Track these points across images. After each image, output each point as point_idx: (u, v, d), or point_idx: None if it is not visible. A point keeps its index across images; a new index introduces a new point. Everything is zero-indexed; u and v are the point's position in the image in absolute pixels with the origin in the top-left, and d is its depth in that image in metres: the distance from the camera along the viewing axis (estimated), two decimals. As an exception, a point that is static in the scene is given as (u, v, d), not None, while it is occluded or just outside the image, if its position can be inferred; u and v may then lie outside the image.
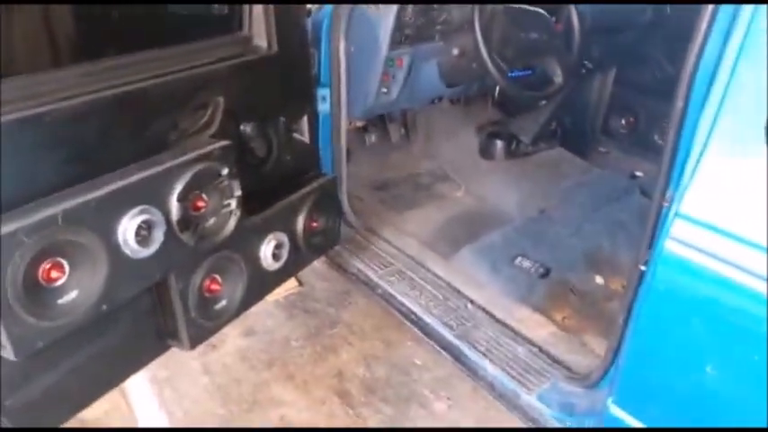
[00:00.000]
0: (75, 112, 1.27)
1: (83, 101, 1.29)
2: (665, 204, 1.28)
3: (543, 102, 2.72)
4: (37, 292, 1.16)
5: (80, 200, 1.21)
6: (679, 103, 1.19)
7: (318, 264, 2.52)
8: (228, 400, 2.23)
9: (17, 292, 1.12)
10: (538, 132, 2.84)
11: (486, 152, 2.92)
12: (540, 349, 1.84)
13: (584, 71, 2.64)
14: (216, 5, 1.74)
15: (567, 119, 3.22)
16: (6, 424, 1.28)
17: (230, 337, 2.49)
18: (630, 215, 2.54)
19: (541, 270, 2.24)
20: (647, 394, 1.37)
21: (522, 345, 1.85)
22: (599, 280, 2.29)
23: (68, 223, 1.18)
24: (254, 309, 2.59)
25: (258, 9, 1.71)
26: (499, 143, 2.88)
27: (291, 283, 2.76)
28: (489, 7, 2.10)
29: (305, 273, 2.83)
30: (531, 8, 2.24)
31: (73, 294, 1.22)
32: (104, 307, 1.29)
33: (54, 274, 1.19)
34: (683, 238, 1.14)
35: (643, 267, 1.33)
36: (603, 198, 2.67)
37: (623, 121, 3.28)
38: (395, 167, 2.92)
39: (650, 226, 1.34)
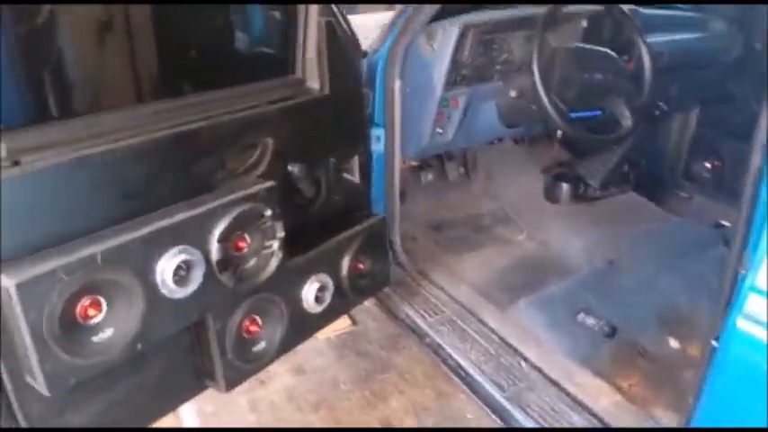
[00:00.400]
0: (129, 152, 1.31)
1: (136, 141, 1.32)
2: (742, 272, 1.12)
3: (607, 145, 2.58)
4: (73, 330, 1.18)
5: (120, 240, 1.23)
6: (756, 159, 1.06)
7: (371, 304, 2.47)
8: (273, 442, 2.20)
9: (53, 328, 1.14)
10: (608, 175, 2.69)
11: (551, 195, 2.79)
12: (601, 422, 1.67)
13: (657, 113, 2.49)
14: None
15: (642, 162, 3.04)
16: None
17: (279, 375, 2.46)
18: (713, 270, 2.28)
19: (606, 329, 2.06)
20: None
21: (581, 414, 1.69)
22: (674, 344, 2.07)
23: (107, 262, 1.20)
24: (305, 346, 2.57)
25: (311, 52, 1.72)
26: (565, 186, 2.74)
27: (344, 322, 2.72)
28: (551, 47, 2.02)
29: (359, 312, 2.79)
30: (597, 48, 2.15)
31: (108, 332, 1.24)
32: (139, 346, 1.29)
33: (91, 311, 1.21)
34: (757, 316, 1.00)
35: (715, 343, 1.19)
36: (681, 249, 2.44)
37: (707, 165, 3.07)
38: (452, 207, 2.84)
39: (724, 295, 1.19)
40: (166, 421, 2.13)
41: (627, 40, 2.25)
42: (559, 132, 2.17)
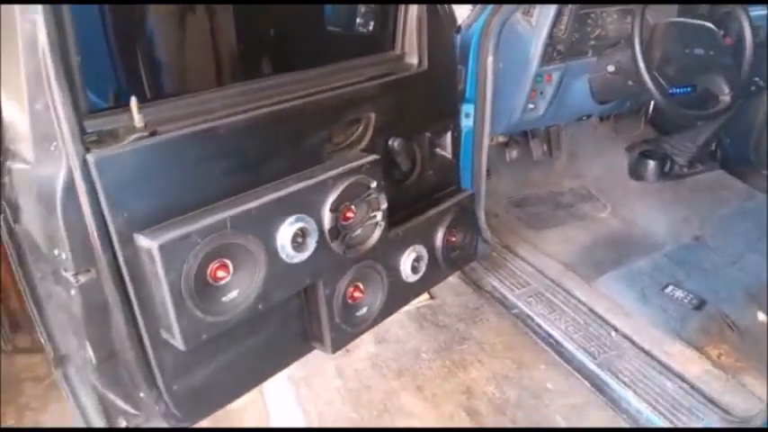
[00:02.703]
0: (242, 126, 1.37)
1: (248, 116, 1.39)
2: None
3: (702, 121, 2.52)
4: (205, 290, 1.27)
5: (245, 207, 1.31)
6: None
7: (450, 278, 2.52)
8: (359, 405, 2.28)
9: (189, 288, 1.23)
10: (695, 153, 2.64)
11: (636, 172, 2.75)
12: (692, 386, 1.70)
13: (753, 88, 2.42)
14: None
15: (727, 139, 2.96)
16: (173, 407, 1.41)
17: (363, 343, 2.55)
18: None
19: (695, 301, 2.07)
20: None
21: (672, 380, 1.72)
22: (762, 317, 2.07)
23: (235, 228, 1.28)
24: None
25: (411, 27, 1.76)
26: (651, 163, 2.70)
27: (423, 296, 2.77)
28: (651, 21, 1.99)
29: (436, 287, 2.85)
30: (697, 22, 2.10)
31: (234, 293, 1.33)
32: (260, 306, 1.38)
33: (220, 273, 1.29)
34: None
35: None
36: (768, 226, 2.42)
37: (793, 143, 2.96)
38: (535, 184, 2.84)
39: None
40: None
41: (725, 14, 2.19)
42: (651, 109, 2.14)
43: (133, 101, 1.21)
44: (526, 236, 2.48)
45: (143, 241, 1.20)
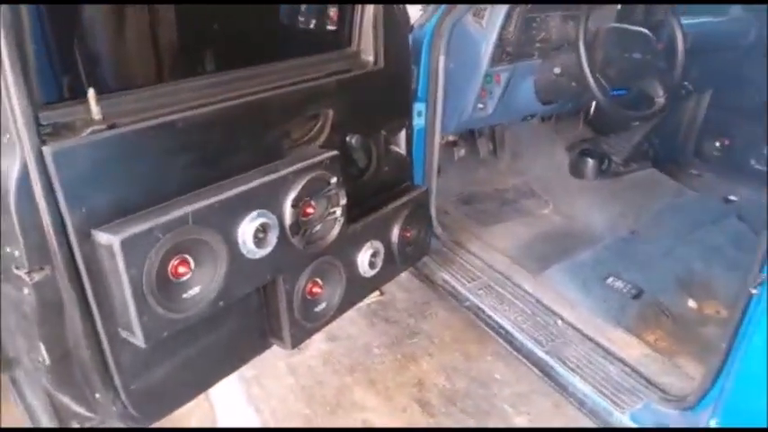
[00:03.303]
0: (202, 120, 1.36)
1: (209, 110, 1.38)
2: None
3: (639, 122, 2.68)
4: (166, 286, 1.25)
5: (207, 202, 1.29)
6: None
7: (400, 274, 2.57)
8: (313, 402, 2.29)
9: (150, 284, 1.21)
10: (631, 152, 2.80)
11: (576, 170, 2.89)
12: (633, 369, 1.81)
13: (683, 92, 2.59)
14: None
15: (658, 140, 3.15)
16: (130, 407, 1.38)
17: (313, 341, 2.55)
18: (726, 240, 2.48)
19: (634, 291, 2.20)
20: (757, 415, 1.35)
21: (614, 364, 1.83)
22: (692, 304, 2.24)
23: (197, 223, 1.27)
24: (337, 315, 2.69)
25: (368, 25, 1.78)
26: (591, 162, 2.85)
27: (373, 292, 2.81)
28: (592, 27, 2.09)
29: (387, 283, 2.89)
30: (635, 28, 2.22)
31: (196, 289, 1.31)
32: (221, 303, 1.37)
33: (181, 269, 1.27)
34: None
35: (755, 291, 1.30)
36: (698, 221, 2.60)
37: (717, 144, 3.20)
38: (481, 182, 2.93)
39: (762, 249, 1.31)
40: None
41: (659, 22, 2.33)
42: (592, 110, 2.25)
43: (91, 92, 1.18)
44: (475, 231, 2.56)
45: (103, 237, 1.17)
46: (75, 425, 1.45)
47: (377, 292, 2.82)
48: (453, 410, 2.26)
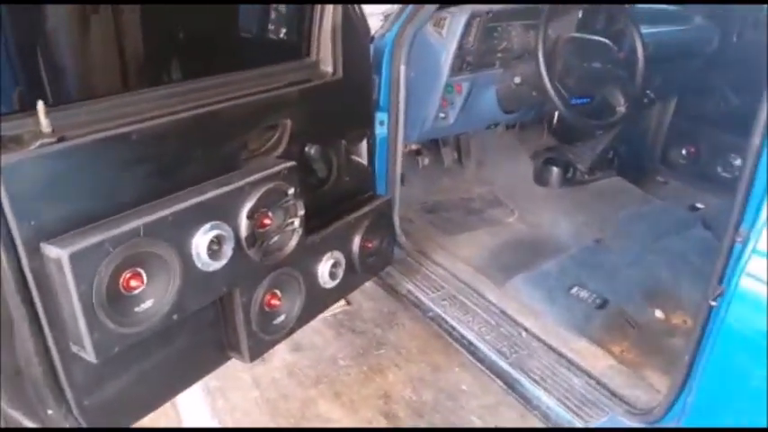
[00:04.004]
0: (155, 132, 1.34)
1: (161, 122, 1.36)
2: (738, 240, 1.25)
3: (600, 130, 2.71)
4: (117, 300, 1.23)
5: (159, 214, 1.28)
6: (755, 140, 1.18)
7: (367, 284, 2.56)
8: (277, 415, 2.27)
9: (101, 299, 1.19)
10: (595, 160, 2.83)
11: (540, 178, 2.91)
12: (598, 382, 1.81)
13: (646, 101, 2.63)
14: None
15: (623, 148, 3.19)
16: (84, 423, 1.35)
17: (278, 352, 2.53)
18: (692, 248, 2.49)
19: (598, 301, 2.21)
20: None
21: (579, 376, 1.83)
22: (659, 314, 2.23)
23: (149, 236, 1.25)
24: (301, 324, 2.66)
25: (326, 35, 1.78)
26: (555, 170, 2.87)
27: (340, 302, 2.80)
28: (552, 36, 2.12)
29: (353, 292, 2.88)
30: (594, 37, 2.26)
31: (149, 303, 1.29)
32: (175, 316, 1.35)
33: (133, 283, 1.26)
34: (759, 276, 1.13)
35: (714, 303, 1.32)
36: (663, 229, 2.62)
37: (683, 152, 3.25)
38: (446, 191, 2.93)
39: (721, 261, 1.31)
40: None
41: (619, 31, 2.37)
42: (555, 118, 2.28)
43: (40, 105, 1.17)
44: (439, 241, 2.56)
45: (51, 251, 1.15)
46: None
47: (343, 302, 2.81)
48: (420, 423, 2.25)
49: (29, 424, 1.35)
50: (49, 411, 1.31)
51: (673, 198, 3.00)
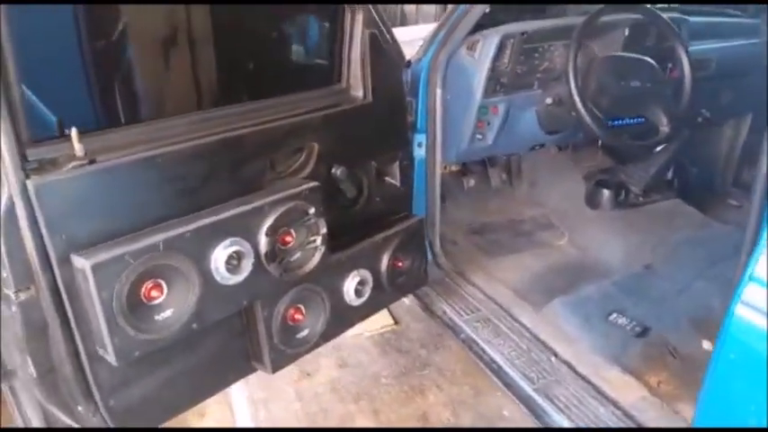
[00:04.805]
0: (179, 155, 1.46)
1: (193, 144, 1.48)
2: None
3: (657, 150, 2.59)
4: (138, 309, 1.34)
5: (179, 231, 1.38)
6: (765, 159, 1.11)
7: (414, 305, 2.58)
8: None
9: (121, 306, 1.30)
10: (649, 182, 2.70)
11: (592, 201, 2.82)
12: (625, 413, 1.73)
13: (700, 120, 2.49)
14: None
15: (693, 169, 3.03)
16: (110, 422, 1.47)
17: (324, 368, 2.61)
18: None
19: (638, 329, 2.10)
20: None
21: (606, 406, 1.75)
22: (706, 345, 2.08)
23: (168, 250, 1.36)
24: (350, 342, 2.73)
25: (356, 62, 1.85)
26: (606, 192, 2.77)
27: (387, 321, 2.84)
28: (589, 56, 2.08)
29: (401, 312, 2.91)
30: (633, 56, 2.19)
31: (168, 312, 1.39)
32: (195, 326, 1.44)
33: (154, 293, 1.36)
34: (754, 304, 1.07)
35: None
36: (720, 255, 2.43)
37: (759, 173, 3.02)
38: (495, 212, 2.90)
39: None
40: (220, 411, 2.33)
41: (669, 49, 2.28)
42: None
43: (73, 131, 1.30)
44: (482, 263, 2.54)
45: (78, 261, 1.27)
46: None
47: (391, 321, 2.84)
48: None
49: (65, 419, 1.49)
50: (79, 408, 1.43)
51: (743, 222, 2.80)
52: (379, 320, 2.82)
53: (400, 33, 2.02)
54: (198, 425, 2.32)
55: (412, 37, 2.31)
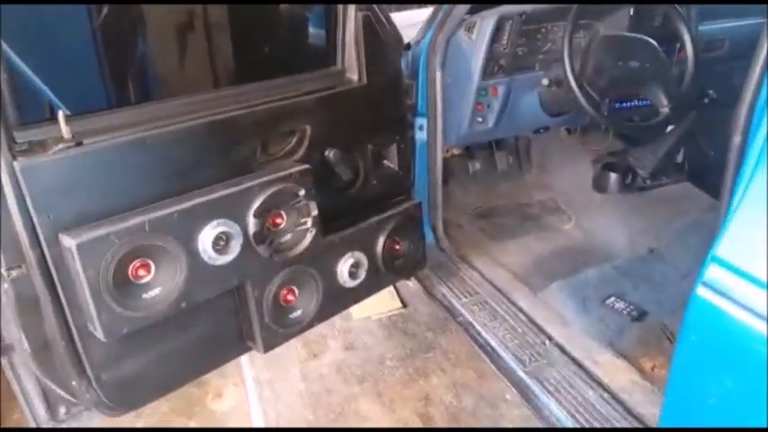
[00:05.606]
0: (167, 137, 1.47)
1: (174, 128, 1.49)
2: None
3: (666, 132, 2.53)
4: (125, 287, 1.37)
5: (165, 211, 1.41)
6: (736, 139, 1.08)
7: (421, 289, 2.58)
8: (318, 408, 2.36)
9: (108, 284, 1.34)
10: (657, 165, 2.63)
11: (598, 184, 2.76)
12: (614, 396, 1.71)
13: (706, 101, 2.41)
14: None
15: (710, 152, 2.94)
16: (102, 396, 1.52)
17: (330, 350, 2.63)
18: None
19: (635, 313, 2.07)
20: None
21: (594, 389, 1.75)
22: (708, 329, 2.06)
23: (154, 230, 1.38)
24: (358, 325, 2.76)
25: (350, 45, 1.84)
26: (613, 176, 2.70)
27: (395, 304, 2.85)
28: (587, 36, 2.03)
29: (409, 295, 2.91)
30: (631, 35, 2.13)
31: (156, 291, 1.42)
32: (183, 305, 1.47)
33: (141, 272, 1.40)
34: (715, 284, 1.04)
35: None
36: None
37: (779, 155, 2.92)
38: (503, 196, 2.88)
39: None
40: (236, 393, 2.37)
41: (676, 28, 2.21)
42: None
43: (60, 113, 1.33)
44: (486, 247, 2.53)
45: (66, 240, 1.31)
46: (63, 409, 1.63)
47: (399, 304, 2.85)
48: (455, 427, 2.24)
49: (61, 392, 1.54)
50: (73, 383, 1.48)
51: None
52: (388, 303, 2.83)
53: (402, 17, 2.01)
54: (215, 406, 2.38)
55: (414, 20, 2.29)
